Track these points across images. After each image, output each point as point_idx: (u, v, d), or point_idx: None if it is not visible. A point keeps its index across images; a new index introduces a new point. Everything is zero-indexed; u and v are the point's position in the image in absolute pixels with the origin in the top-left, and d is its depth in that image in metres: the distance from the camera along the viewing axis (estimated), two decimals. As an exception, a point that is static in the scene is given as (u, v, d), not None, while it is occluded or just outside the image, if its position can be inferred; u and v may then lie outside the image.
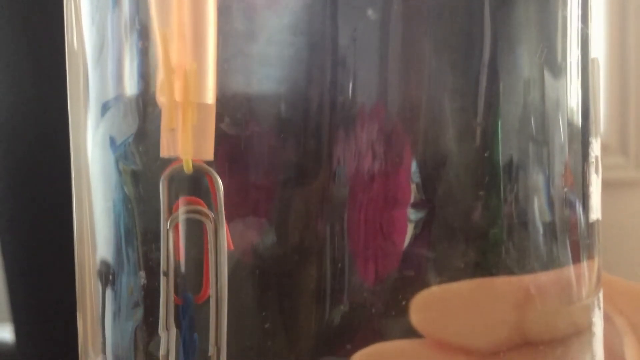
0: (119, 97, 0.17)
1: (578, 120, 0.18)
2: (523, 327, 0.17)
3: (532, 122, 0.17)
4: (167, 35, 0.16)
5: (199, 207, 0.16)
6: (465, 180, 0.17)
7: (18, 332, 0.58)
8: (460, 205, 0.17)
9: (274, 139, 0.17)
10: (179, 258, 0.16)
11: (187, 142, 0.16)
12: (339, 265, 0.16)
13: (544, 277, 0.18)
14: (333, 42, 0.16)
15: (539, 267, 0.18)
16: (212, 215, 0.16)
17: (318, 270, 0.17)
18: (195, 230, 0.16)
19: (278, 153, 0.17)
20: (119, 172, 0.17)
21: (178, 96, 0.16)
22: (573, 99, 0.18)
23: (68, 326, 0.26)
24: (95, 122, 0.18)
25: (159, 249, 0.17)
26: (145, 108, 0.17)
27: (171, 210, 0.16)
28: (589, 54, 0.19)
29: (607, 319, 0.20)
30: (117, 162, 0.17)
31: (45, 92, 0.51)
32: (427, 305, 0.17)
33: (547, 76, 0.18)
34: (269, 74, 0.17)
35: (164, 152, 0.16)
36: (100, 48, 0.18)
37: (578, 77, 0.18)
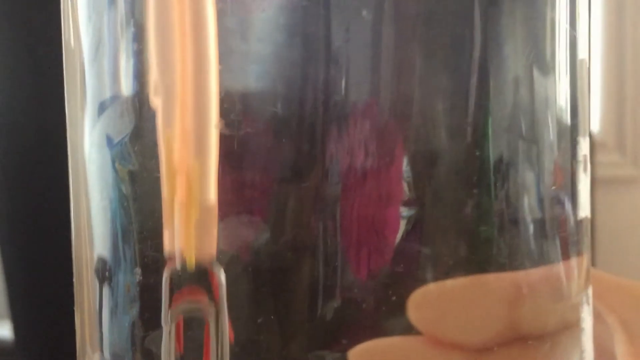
0: (115, 96, 0.18)
1: (567, 119, 0.19)
2: (514, 322, 0.18)
3: (522, 122, 0.18)
4: (171, 136, 0.16)
5: (200, 302, 0.16)
6: (456, 177, 0.17)
7: (17, 329, 0.58)
8: (451, 203, 0.17)
9: (266, 136, 0.17)
10: (180, 350, 0.17)
11: (190, 240, 0.16)
12: (333, 261, 0.17)
13: (534, 274, 0.18)
14: (324, 41, 0.17)
15: (529, 263, 0.18)
16: (213, 309, 0.16)
17: (312, 266, 0.17)
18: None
19: (270, 151, 0.17)
20: (116, 172, 0.18)
21: (180, 195, 0.16)
22: (562, 99, 0.18)
23: (66, 323, 0.26)
24: (92, 121, 0.18)
25: (154, 247, 0.17)
26: (141, 108, 0.17)
27: (171, 302, 0.16)
28: (577, 56, 0.19)
29: (598, 316, 0.20)
30: (113, 161, 0.18)
31: (43, 91, 0.51)
32: (423, 302, 0.17)
33: (536, 77, 0.18)
34: (260, 72, 0.17)
35: (167, 248, 0.16)
36: (97, 47, 0.18)
37: (567, 78, 0.19)
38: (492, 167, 0.17)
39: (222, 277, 0.16)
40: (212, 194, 0.16)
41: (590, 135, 0.20)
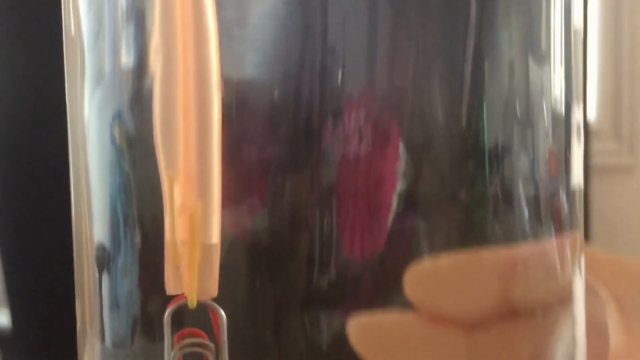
0: (115, 68, 0.18)
1: (561, 87, 0.19)
2: (508, 297, 0.18)
3: (516, 92, 0.18)
4: (173, 176, 0.16)
5: (201, 340, 0.17)
6: (450, 152, 0.17)
7: (15, 317, 0.58)
8: (445, 178, 0.17)
9: (263, 116, 0.17)
10: None
11: (193, 280, 0.16)
12: (329, 239, 0.17)
13: (527, 249, 0.18)
14: (320, 22, 0.17)
15: (522, 237, 0.18)
16: (213, 347, 0.17)
17: (308, 243, 0.17)
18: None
19: (268, 132, 0.17)
20: (114, 140, 0.18)
21: (184, 236, 0.16)
22: (557, 70, 0.19)
23: (65, 311, 0.26)
24: (91, 93, 0.18)
25: (155, 228, 0.17)
26: (140, 81, 0.17)
27: (173, 340, 0.17)
28: (572, 23, 0.19)
29: (590, 290, 0.20)
30: (112, 126, 0.18)
31: (42, 75, 0.51)
32: (419, 278, 0.17)
33: (530, 45, 0.18)
34: (257, 58, 0.17)
35: (170, 290, 0.16)
36: (97, 32, 0.18)
37: (561, 46, 0.19)
38: (486, 139, 0.17)
39: (223, 316, 0.17)
40: (215, 234, 0.16)
41: (587, 123, 0.20)
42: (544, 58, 0.18)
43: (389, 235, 0.17)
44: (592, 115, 1.18)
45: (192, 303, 0.16)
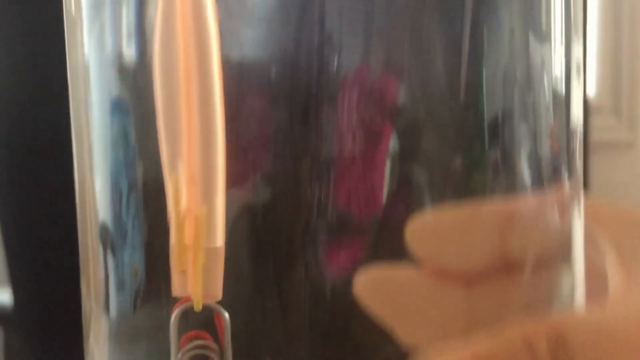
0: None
1: (562, 24, 0.19)
2: (508, 247, 0.18)
3: (514, 39, 0.18)
4: (178, 180, 0.16)
5: (206, 342, 0.17)
6: (450, 107, 0.18)
7: (16, 295, 0.58)
8: (444, 131, 0.18)
9: (262, 93, 0.17)
10: None
11: (197, 283, 0.16)
12: (329, 196, 0.17)
13: (527, 198, 0.18)
14: None
15: (521, 187, 0.18)
16: (218, 350, 0.17)
17: (308, 201, 0.17)
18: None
19: (267, 105, 0.17)
20: (117, 101, 0.18)
21: (188, 240, 0.16)
22: (556, 11, 0.18)
23: (67, 288, 0.26)
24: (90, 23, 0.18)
25: (159, 182, 0.17)
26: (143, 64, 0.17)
27: (180, 343, 0.17)
28: None
29: (589, 239, 0.20)
30: (114, 87, 0.18)
31: (40, 57, 0.51)
32: (420, 231, 0.18)
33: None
34: (255, 36, 0.17)
35: (176, 293, 0.17)
36: (97, 13, 0.18)
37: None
38: (485, 95, 0.18)
39: (227, 318, 0.17)
40: (219, 237, 0.16)
41: (586, 99, 0.20)
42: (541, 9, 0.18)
43: (390, 192, 0.17)
44: (591, 91, 1.17)
45: (198, 306, 0.16)
